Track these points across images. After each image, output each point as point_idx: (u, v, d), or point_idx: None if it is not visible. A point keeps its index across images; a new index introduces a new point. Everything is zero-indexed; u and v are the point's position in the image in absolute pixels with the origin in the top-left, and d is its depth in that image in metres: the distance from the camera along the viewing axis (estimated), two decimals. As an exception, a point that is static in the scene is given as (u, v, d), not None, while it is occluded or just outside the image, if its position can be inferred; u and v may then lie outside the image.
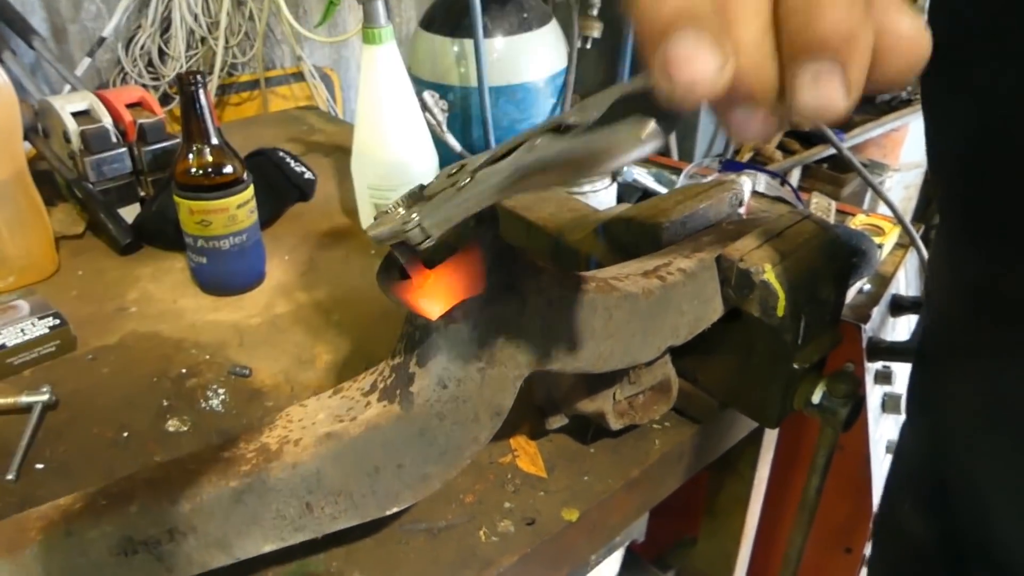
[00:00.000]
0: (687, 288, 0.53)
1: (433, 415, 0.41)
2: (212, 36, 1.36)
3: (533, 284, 0.42)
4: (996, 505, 0.46)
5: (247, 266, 0.85)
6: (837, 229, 0.92)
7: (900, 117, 2.23)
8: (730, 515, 0.91)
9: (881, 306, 0.95)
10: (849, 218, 1.09)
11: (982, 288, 0.46)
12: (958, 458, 0.50)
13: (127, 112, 0.98)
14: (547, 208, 0.76)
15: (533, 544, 0.56)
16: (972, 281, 0.47)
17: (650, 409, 0.61)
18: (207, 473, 0.40)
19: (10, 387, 0.70)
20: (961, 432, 0.49)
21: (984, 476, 0.47)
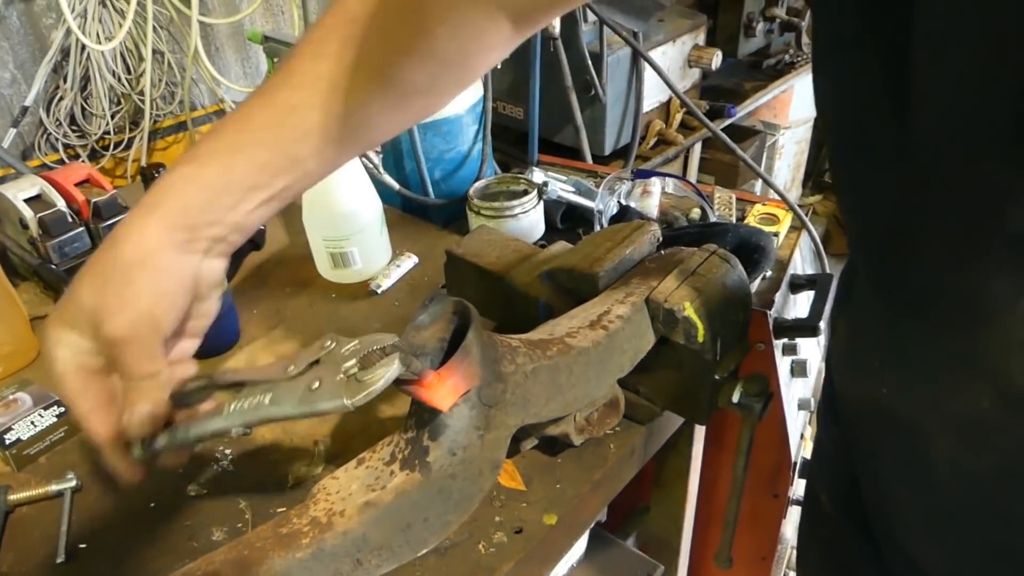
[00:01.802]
0: (626, 331, 0.65)
1: (447, 476, 0.52)
2: (135, 91, 1.39)
3: (512, 365, 0.53)
4: (901, 503, 0.55)
5: (225, 329, 0.93)
6: (740, 230, 1.06)
7: (786, 81, 2.42)
8: (674, 485, 1.06)
9: (782, 288, 1.10)
10: (748, 207, 1.24)
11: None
12: (864, 460, 0.60)
13: (77, 191, 1.03)
14: (493, 252, 0.87)
15: (525, 549, 0.68)
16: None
17: (604, 423, 0.74)
18: (275, 548, 0.50)
19: (33, 477, 0.77)
20: (864, 438, 0.58)
21: (887, 475, 0.56)
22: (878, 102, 0.41)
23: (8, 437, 0.77)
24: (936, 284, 0.44)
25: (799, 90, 2.59)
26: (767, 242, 1.04)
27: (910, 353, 0.48)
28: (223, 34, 1.57)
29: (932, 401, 0.47)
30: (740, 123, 2.25)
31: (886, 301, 0.49)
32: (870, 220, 0.48)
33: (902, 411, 0.50)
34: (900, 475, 0.54)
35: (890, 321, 0.49)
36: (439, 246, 1.11)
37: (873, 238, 0.48)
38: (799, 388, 1.23)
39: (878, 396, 0.51)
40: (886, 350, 0.50)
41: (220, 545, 0.68)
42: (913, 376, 0.48)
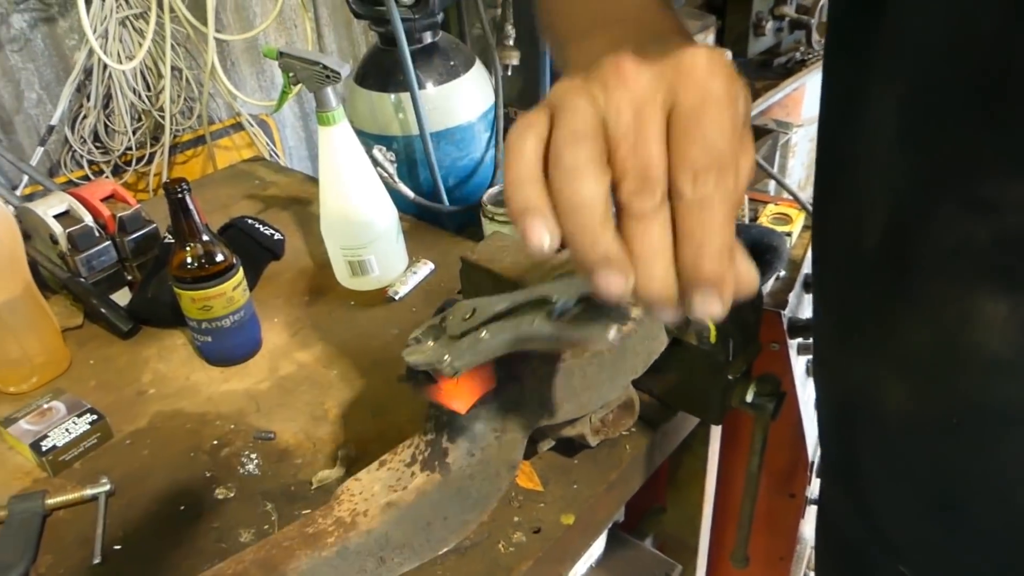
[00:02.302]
0: (639, 333, 0.67)
1: (466, 477, 0.54)
2: (155, 108, 1.42)
3: (527, 368, 0.55)
4: (864, 467, 0.58)
5: (247, 338, 0.96)
6: (752, 231, 1.07)
7: (798, 79, 2.42)
8: (690, 486, 1.07)
9: (796, 288, 1.11)
10: (761, 208, 1.25)
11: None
12: (840, 429, 0.64)
13: (103, 206, 1.06)
14: (507, 257, 0.88)
15: (543, 548, 0.70)
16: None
17: (619, 424, 0.75)
18: (302, 547, 0.52)
19: (67, 482, 0.80)
20: (845, 422, 0.62)
21: (856, 438, 0.59)
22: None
23: (44, 444, 0.80)
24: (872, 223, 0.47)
25: (811, 88, 2.59)
26: (779, 242, 1.06)
27: (868, 299, 0.51)
28: (238, 49, 1.61)
29: (883, 345, 0.49)
30: (752, 122, 2.25)
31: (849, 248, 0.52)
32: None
33: (861, 364, 0.52)
34: (864, 436, 0.56)
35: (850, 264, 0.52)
36: (454, 252, 1.13)
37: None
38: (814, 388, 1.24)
39: (839, 357, 0.53)
40: (849, 301, 0.54)
41: (247, 546, 0.71)
42: (870, 324, 0.51)
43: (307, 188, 1.36)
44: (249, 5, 1.57)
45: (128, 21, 1.35)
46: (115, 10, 1.31)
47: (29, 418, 0.83)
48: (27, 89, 1.35)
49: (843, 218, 0.53)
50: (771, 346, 1.05)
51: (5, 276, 0.87)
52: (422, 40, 1.18)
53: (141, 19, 1.35)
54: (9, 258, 0.87)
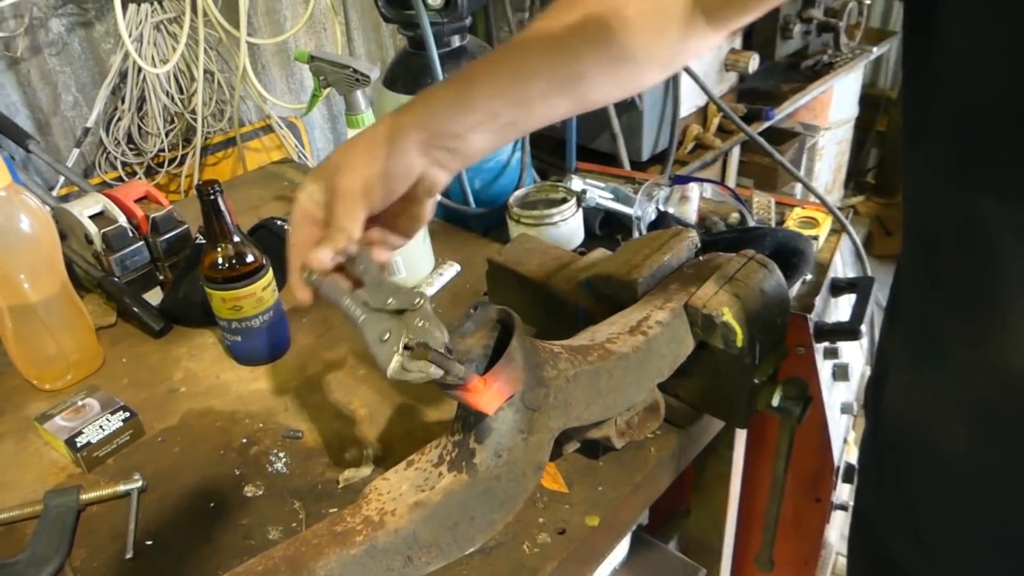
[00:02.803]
0: (665, 336, 0.67)
1: (493, 477, 0.55)
2: (187, 110, 1.45)
3: (554, 370, 0.56)
4: (922, 499, 0.58)
5: (276, 338, 0.97)
6: (778, 234, 1.07)
7: (825, 82, 2.40)
8: (715, 489, 1.07)
9: (823, 292, 1.10)
10: (787, 211, 1.24)
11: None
12: (894, 461, 0.62)
13: (137, 207, 1.08)
14: (534, 260, 0.89)
15: (568, 550, 0.70)
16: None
17: (644, 427, 0.75)
18: (330, 545, 0.53)
19: (101, 477, 0.81)
20: (895, 436, 0.62)
21: (912, 472, 0.59)
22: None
23: (79, 440, 0.81)
24: (955, 272, 0.46)
25: (839, 90, 2.57)
26: (806, 246, 1.05)
27: (934, 342, 0.50)
28: (268, 53, 1.63)
29: (946, 389, 0.49)
30: (779, 125, 2.24)
31: (922, 291, 0.51)
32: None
33: (923, 404, 0.52)
34: (922, 470, 0.55)
35: (920, 311, 0.52)
36: (480, 254, 1.13)
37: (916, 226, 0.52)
38: (841, 392, 1.23)
39: (906, 389, 0.53)
40: (917, 340, 0.53)
41: (276, 543, 0.72)
42: (933, 364, 0.50)
43: (335, 190, 1.38)
44: (280, 9, 1.59)
45: (163, 25, 1.38)
46: (150, 14, 1.34)
47: (64, 415, 0.85)
48: (64, 92, 1.38)
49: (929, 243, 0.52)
50: (797, 350, 1.05)
51: (43, 275, 0.89)
52: (450, 43, 1.19)
53: (175, 23, 1.38)
54: (47, 258, 0.90)
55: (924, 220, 0.51)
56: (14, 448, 0.86)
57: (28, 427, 0.88)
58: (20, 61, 1.30)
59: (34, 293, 0.88)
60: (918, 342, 0.56)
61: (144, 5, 1.33)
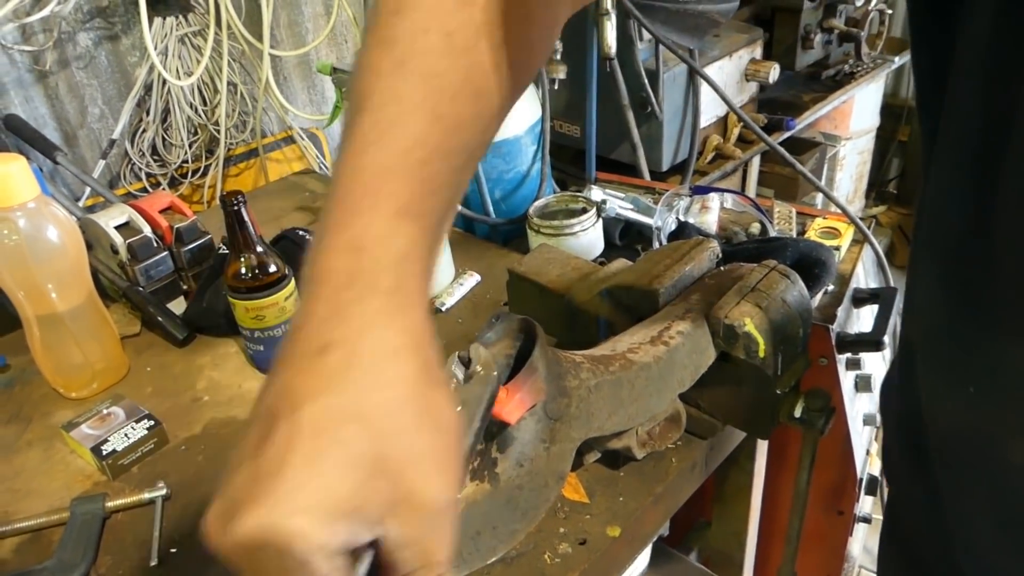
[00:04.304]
0: (687, 346, 0.67)
1: (515, 487, 0.55)
2: (210, 122, 1.47)
3: (576, 380, 0.56)
4: (977, 515, 0.55)
5: (298, 347, 0.98)
6: (800, 245, 1.06)
7: (846, 92, 2.39)
8: (737, 500, 1.06)
9: (845, 303, 1.09)
10: (808, 221, 1.23)
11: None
12: (942, 476, 0.59)
13: (161, 218, 1.10)
14: (554, 270, 0.89)
15: (589, 561, 0.70)
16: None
17: (666, 437, 0.75)
18: (354, 554, 0.53)
19: (126, 485, 0.82)
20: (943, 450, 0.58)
21: (965, 487, 0.56)
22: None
23: (104, 448, 0.82)
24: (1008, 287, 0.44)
25: (860, 100, 2.55)
26: (828, 256, 1.04)
27: (985, 359, 0.49)
28: (291, 65, 1.65)
29: (1005, 407, 0.47)
30: (800, 135, 2.23)
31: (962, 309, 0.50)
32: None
33: (979, 418, 0.50)
34: (977, 485, 0.54)
35: (961, 326, 0.50)
36: (500, 264, 1.14)
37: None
38: (864, 403, 1.22)
39: (958, 405, 0.51)
40: (963, 359, 0.51)
41: (299, 552, 0.72)
42: (988, 382, 0.49)
43: (355, 200, 1.39)
44: (302, 22, 1.61)
45: (187, 38, 1.40)
46: (175, 27, 1.36)
47: (90, 423, 0.86)
48: (91, 104, 1.40)
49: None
50: (819, 361, 1.04)
51: (70, 285, 0.91)
52: (470, 55, 1.20)
53: (199, 36, 1.40)
54: (74, 268, 0.91)
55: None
56: (41, 456, 0.87)
57: (55, 435, 0.89)
58: (49, 75, 1.33)
59: (61, 303, 0.90)
60: (945, 347, 0.54)
61: (169, 18, 1.36)
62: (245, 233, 0.90)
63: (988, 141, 0.42)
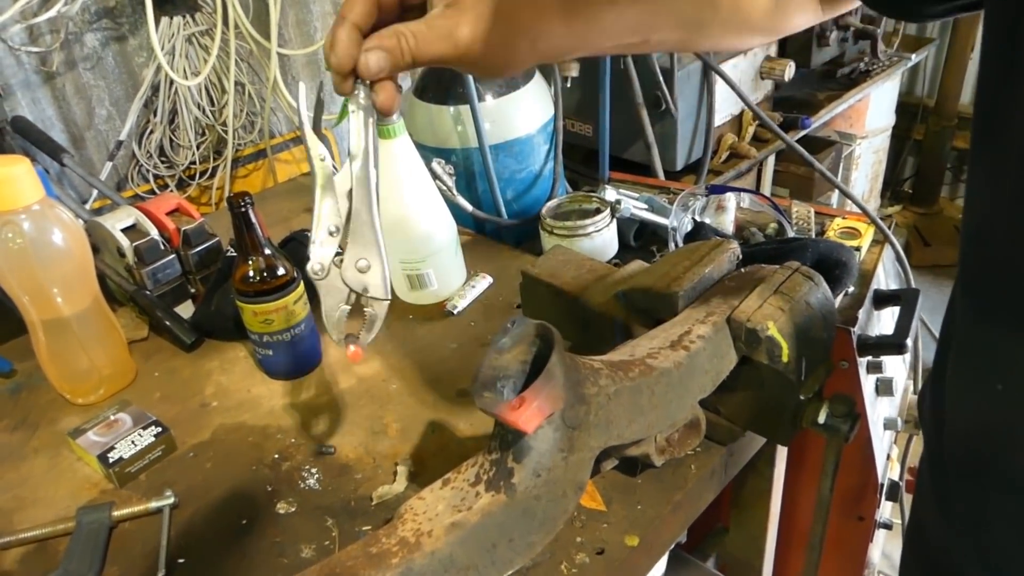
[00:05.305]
0: (707, 351, 0.64)
1: (532, 498, 0.53)
2: (218, 123, 1.45)
3: (595, 387, 0.54)
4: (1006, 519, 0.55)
5: (307, 351, 0.96)
6: (820, 245, 1.04)
7: (861, 90, 2.35)
8: (755, 506, 1.04)
9: (865, 304, 1.07)
10: (827, 221, 1.21)
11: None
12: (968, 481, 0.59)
13: (168, 220, 1.08)
14: (569, 272, 0.87)
15: (607, 571, 0.68)
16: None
17: (685, 444, 0.73)
18: (365, 567, 0.51)
19: (133, 493, 0.81)
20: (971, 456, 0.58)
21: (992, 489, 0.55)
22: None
23: (111, 456, 0.81)
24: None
25: (876, 98, 2.52)
26: (849, 257, 1.02)
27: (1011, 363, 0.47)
28: (299, 64, 1.63)
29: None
30: (814, 134, 2.20)
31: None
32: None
33: (1008, 424, 0.49)
34: (996, 493, 0.52)
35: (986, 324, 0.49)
36: (513, 266, 1.12)
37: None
38: (884, 407, 1.19)
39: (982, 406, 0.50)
40: (987, 364, 0.50)
41: (309, 561, 0.71)
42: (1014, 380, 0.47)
43: (365, 201, 1.37)
44: (310, 20, 1.60)
45: (194, 38, 1.38)
46: (182, 27, 1.34)
47: (97, 430, 0.85)
48: (98, 106, 1.39)
49: None
50: (840, 364, 1.02)
51: (76, 289, 0.89)
52: (481, 52, 1.18)
53: (207, 36, 1.39)
54: (80, 271, 0.89)
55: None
56: (48, 463, 0.86)
57: (61, 442, 0.88)
58: (56, 76, 1.31)
59: (67, 307, 0.88)
60: (976, 357, 0.53)
61: (176, 18, 1.34)
62: (253, 235, 0.89)
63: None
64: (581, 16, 0.57)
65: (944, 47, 2.98)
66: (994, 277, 0.51)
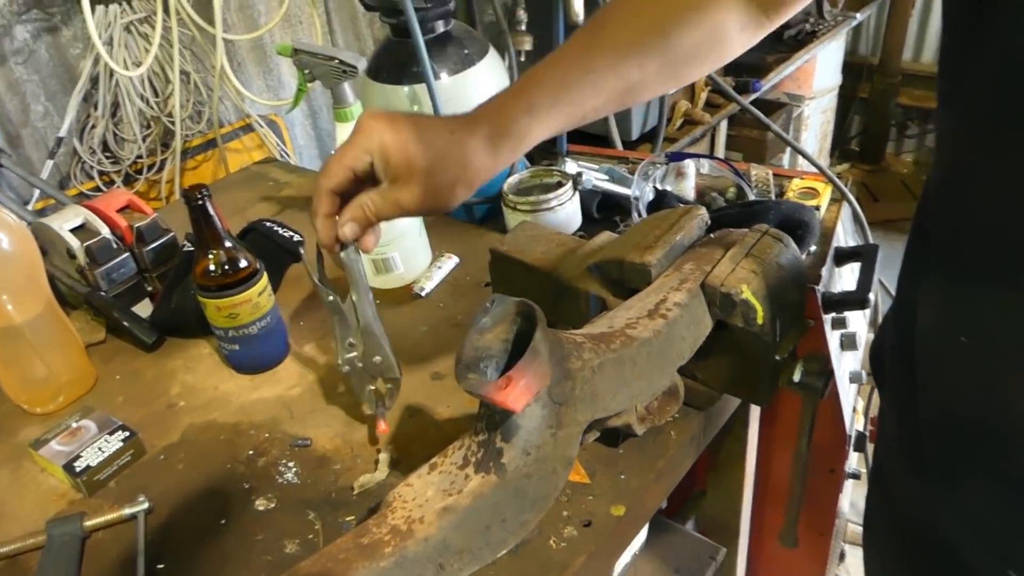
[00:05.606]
0: (684, 318, 0.64)
1: (522, 476, 0.52)
2: (164, 114, 1.41)
3: (579, 361, 0.53)
4: (974, 450, 0.57)
5: (275, 343, 0.94)
6: (782, 207, 1.05)
7: (808, 51, 2.38)
8: (731, 468, 1.05)
9: (828, 262, 1.08)
10: (786, 183, 1.22)
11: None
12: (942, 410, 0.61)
13: (120, 217, 1.05)
14: (538, 247, 0.86)
15: (595, 542, 0.68)
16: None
17: (664, 411, 0.73)
18: (358, 559, 0.50)
19: (104, 501, 0.78)
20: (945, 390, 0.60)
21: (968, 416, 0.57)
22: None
23: (78, 465, 0.78)
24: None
25: (822, 59, 2.55)
26: (811, 217, 1.03)
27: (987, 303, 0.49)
28: (244, 50, 1.59)
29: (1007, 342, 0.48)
30: (764, 97, 2.22)
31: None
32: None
33: (979, 368, 0.50)
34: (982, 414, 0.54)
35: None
36: (478, 244, 1.11)
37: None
38: (849, 361, 1.21)
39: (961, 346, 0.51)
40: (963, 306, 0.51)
41: (293, 557, 0.69)
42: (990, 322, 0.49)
43: (322, 187, 1.34)
44: (253, 4, 1.55)
45: (133, 26, 1.33)
46: (119, 16, 1.29)
47: (60, 439, 0.82)
48: (33, 101, 1.33)
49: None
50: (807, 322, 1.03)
51: (27, 294, 0.86)
52: (435, 29, 1.15)
53: (146, 23, 1.33)
54: (29, 276, 0.86)
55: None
56: (10, 477, 0.83)
57: (22, 454, 0.84)
58: (-15, 72, 1.25)
59: (18, 314, 0.85)
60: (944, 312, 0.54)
61: (112, 6, 1.29)
62: (212, 228, 0.86)
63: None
64: (562, 120, 0.66)
65: (886, 5, 3.03)
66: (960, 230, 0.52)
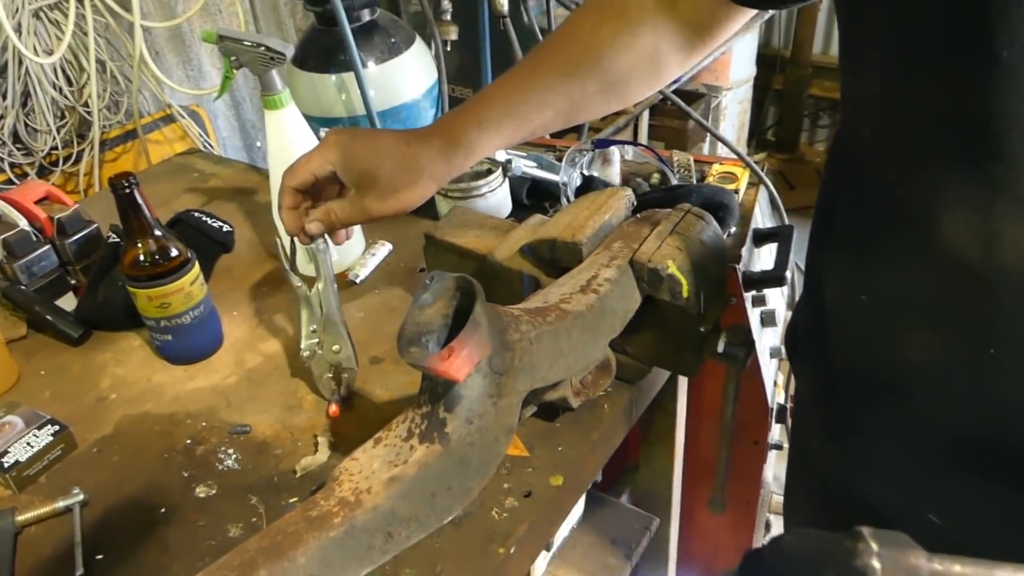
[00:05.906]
0: (615, 293, 0.68)
1: (466, 445, 0.54)
2: (79, 104, 1.36)
3: (517, 333, 0.56)
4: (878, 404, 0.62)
5: (209, 333, 0.93)
6: (703, 190, 1.10)
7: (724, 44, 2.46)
8: (662, 441, 1.10)
9: (747, 243, 1.14)
10: (706, 168, 1.27)
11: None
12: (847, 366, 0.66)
13: (38, 209, 1.01)
14: (471, 231, 0.89)
15: (536, 511, 0.71)
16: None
17: (598, 384, 0.77)
18: (308, 531, 0.51)
19: (35, 497, 0.76)
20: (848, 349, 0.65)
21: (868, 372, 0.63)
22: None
23: (6, 461, 0.76)
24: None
25: (737, 51, 2.65)
26: (730, 200, 1.08)
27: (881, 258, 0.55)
28: (163, 38, 1.55)
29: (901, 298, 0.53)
30: (684, 88, 2.29)
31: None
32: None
33: (878, 328, 0.55)
34: (878, 398, 0.58)
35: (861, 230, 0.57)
36: (411, 231, 1.12)
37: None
38: (769, 337, 1.28)
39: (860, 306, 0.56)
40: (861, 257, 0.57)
41: (238, 541, 0.70)
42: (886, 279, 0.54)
43: (250, 177, 1.33)
44: (170, -9, 1.51)
45: (43, 12, 1.28)
46: (27, 1, 1.24)
47: (-15, 435, 0.80)
48: (-63, 92, 1.27)
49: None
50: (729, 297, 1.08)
51: (-56, 288, 0.83)
52: (361, 18, 1.16)
53: (57, 10, 1.29)
54: (-54, 269, 0.83)
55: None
56: (-67, 476, 0.80)
57: (-55, 452, 0.81)
58: None
59: (-64, 309, 0.82)
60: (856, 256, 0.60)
61: (21, -8, 1.24)
62: (140, 217, 0.85)
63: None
64: (511, 133, 0.73)
65: (795, -1, 3.16)
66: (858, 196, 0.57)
